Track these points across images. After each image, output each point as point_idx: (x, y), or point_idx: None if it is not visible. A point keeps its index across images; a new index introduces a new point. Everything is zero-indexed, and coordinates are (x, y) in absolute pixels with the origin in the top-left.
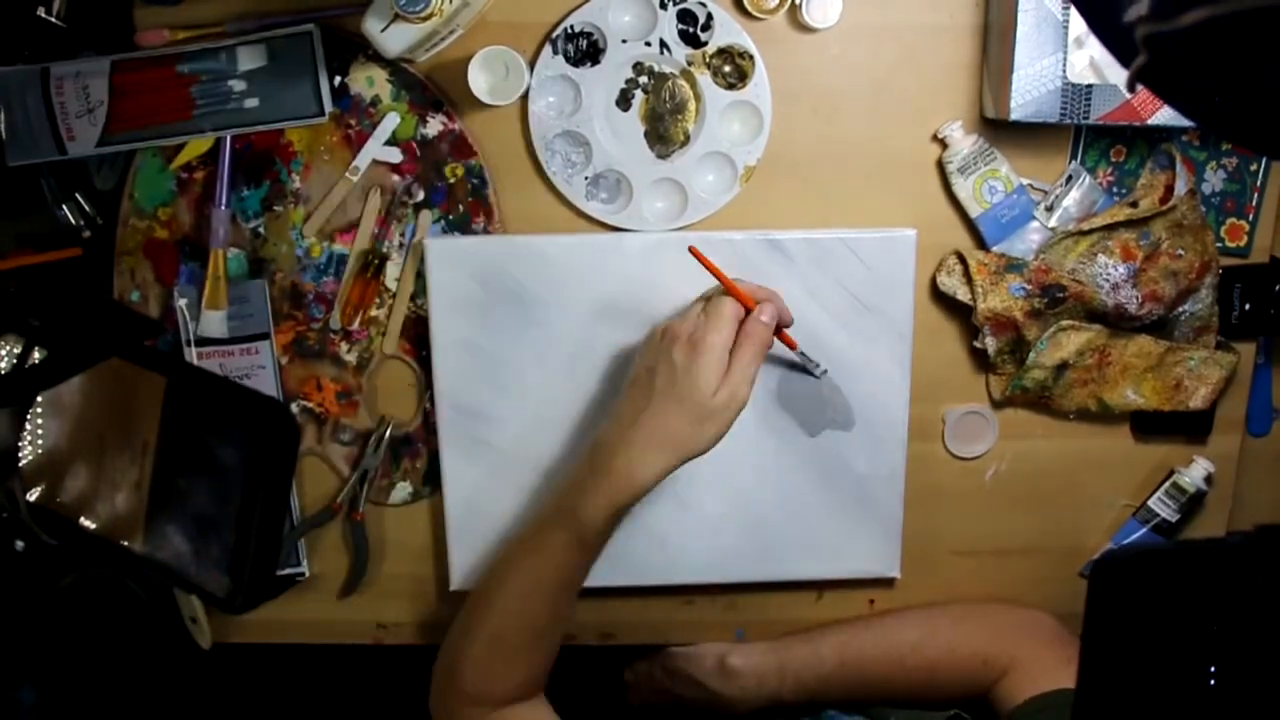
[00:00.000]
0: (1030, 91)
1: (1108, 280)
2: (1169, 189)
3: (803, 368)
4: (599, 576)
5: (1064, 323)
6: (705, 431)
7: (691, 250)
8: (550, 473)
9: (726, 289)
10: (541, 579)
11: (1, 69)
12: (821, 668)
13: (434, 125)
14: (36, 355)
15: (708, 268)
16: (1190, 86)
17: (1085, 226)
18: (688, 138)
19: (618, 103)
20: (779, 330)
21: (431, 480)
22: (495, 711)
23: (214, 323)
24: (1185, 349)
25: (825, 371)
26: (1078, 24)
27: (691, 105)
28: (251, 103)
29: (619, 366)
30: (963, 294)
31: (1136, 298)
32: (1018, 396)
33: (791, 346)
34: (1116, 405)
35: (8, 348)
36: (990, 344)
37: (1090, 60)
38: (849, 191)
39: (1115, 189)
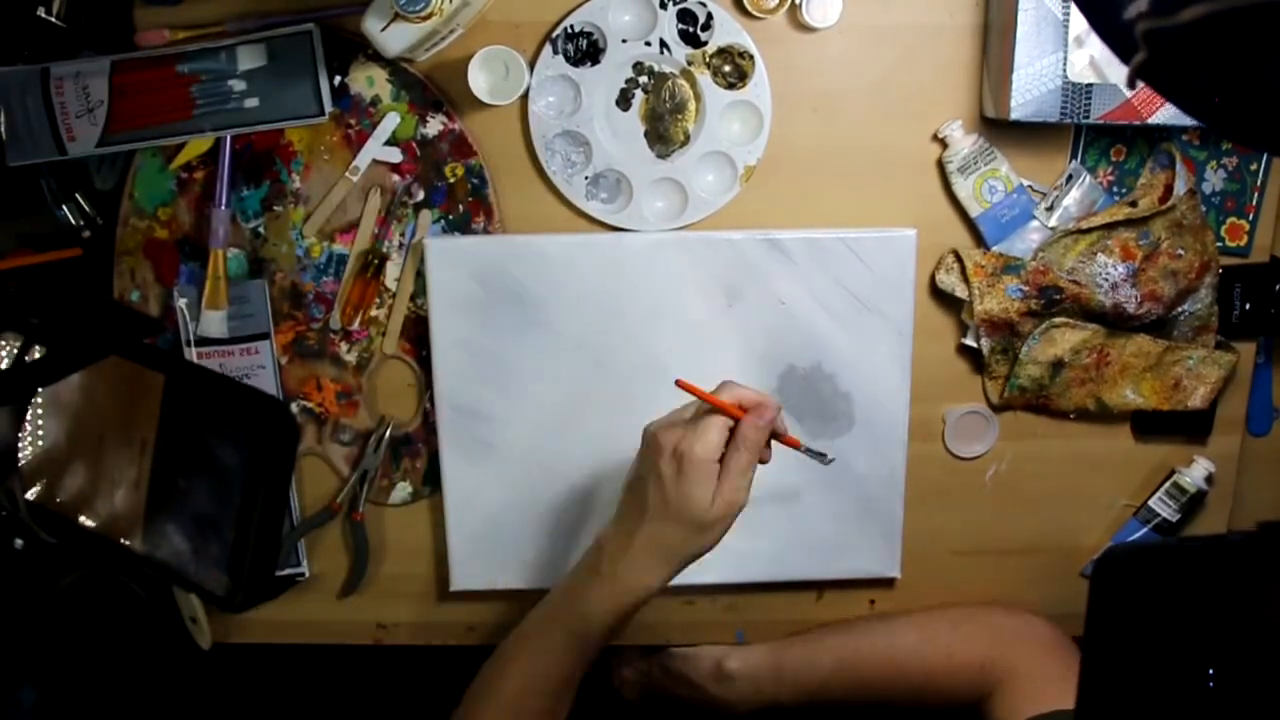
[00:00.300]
0: (1030, 91)
1: (1107, 280)
2: (1168, 189)
3: (813, 455)
4: None
5: (1058, 319)
6: (705, 539)
7: (678, 383)
8: (550, 472)
9: (713, 406)
10: (542, 675)
11: (1, 69)
12: (819, 672)
13: (434, 125)
14: (36, 353)
15: (693, 393)
16: (1190, 83)
17: (1085, 225)
18: (688, 138)
19: (618, 103)
20: (778, 435)
21: (431, 480)
22: None
23: (214, 323)
24: (1184, 348)
25: (833, 460)
26: (1078, 23)
27: (691, 105)
28: (251, 102)
29: (619, 366)
30: (961, 290)
31: (1135, 297)
32: (1016, 398)
33: (795, 446)
34: (1115, 405)
35: (7, 345)
36: (984, 344)
37: (1090, 59)
38: (849, 191)
39: (1115, 188)
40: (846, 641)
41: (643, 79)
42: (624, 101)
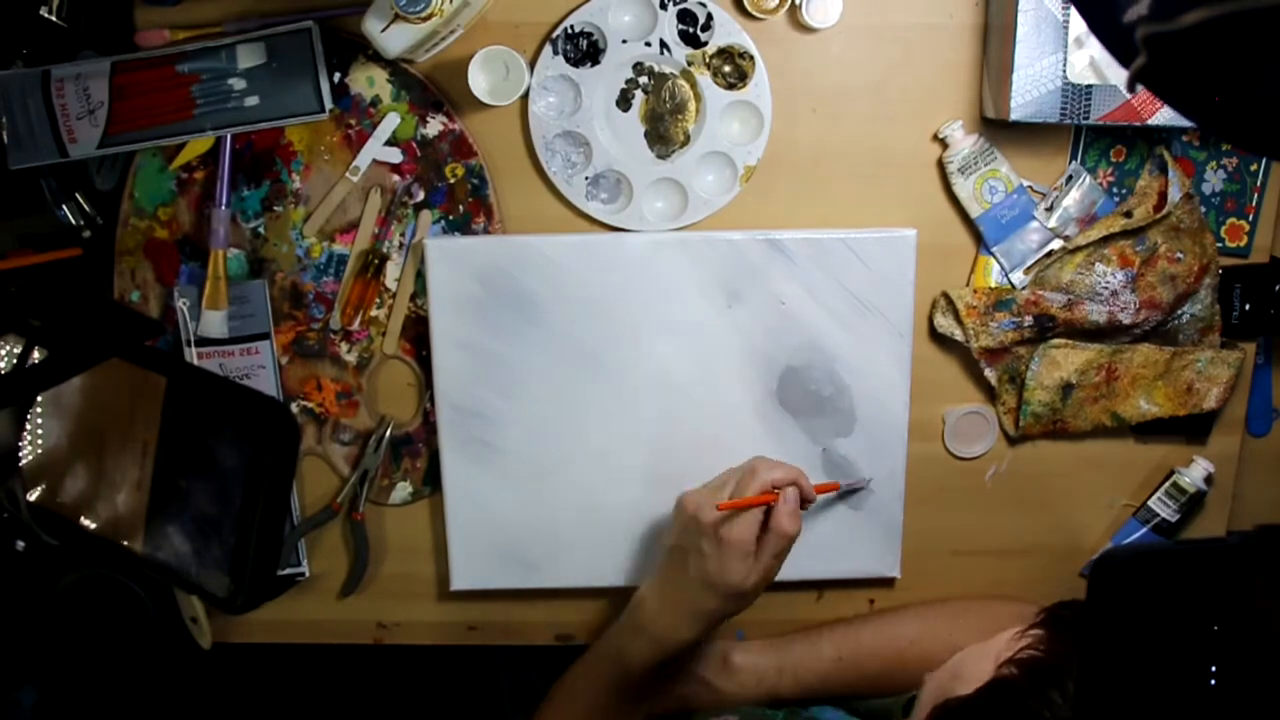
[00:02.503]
0: (1030, 91)
1: (1106, 288)
2: (1163, 195)
3: (853, 490)
4: (601, 576)
5: (1055, 340)
6: (740, 605)
7: (720, 507)
8: (550, 472)
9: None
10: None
11: (2, 73)
12: (820, 665)
13: (434, 125)
14: (36, 355)
15: (735, 507)
16: (1190, 87)
17: (1081, 241)
18: (688, 138)
19: (618, 103)
20: (809, 501)
21: (431, 480)
22: None
23: (214, 323)
24: (1190, 351)
25: (870, 479)
26: (1078, 24)
27: (691, 105)
28: (252, 101)
29: (619, 366)
30: (958, 334)
31: (1134, 304)
32: (1032, 427)
33: (834, 490)
34: (1131, 417)
35: (8, 348)
36: (991, 375)
37: (1090, 60)
38: (849, 191)
39: (1115, 189)
40: (848, 634)
41: (643, 79)
42: (624, 102)
